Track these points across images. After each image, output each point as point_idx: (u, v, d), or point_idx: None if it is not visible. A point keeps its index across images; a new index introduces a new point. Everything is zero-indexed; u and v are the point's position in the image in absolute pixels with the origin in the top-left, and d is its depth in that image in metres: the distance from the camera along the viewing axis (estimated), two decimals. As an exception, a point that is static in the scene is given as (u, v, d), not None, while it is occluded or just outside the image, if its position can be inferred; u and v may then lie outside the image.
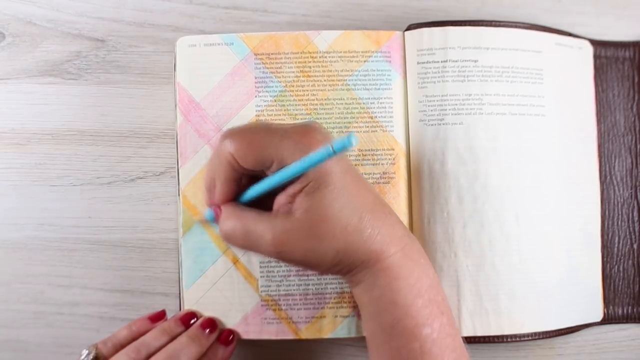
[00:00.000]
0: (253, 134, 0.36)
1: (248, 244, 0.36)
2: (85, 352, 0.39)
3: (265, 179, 0.36)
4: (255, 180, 0.37)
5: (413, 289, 0.35)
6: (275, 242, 0.35)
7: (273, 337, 0.44)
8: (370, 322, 0.37)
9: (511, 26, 0.46)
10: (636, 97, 0.48)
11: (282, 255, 0.35)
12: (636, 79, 0.48)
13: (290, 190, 0.35)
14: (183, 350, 0.39)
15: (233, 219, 0.36)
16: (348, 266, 0.36)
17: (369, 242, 0.35)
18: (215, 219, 0.38)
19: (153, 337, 0.39)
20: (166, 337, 0.40)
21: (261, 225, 0.35)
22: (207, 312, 0.43)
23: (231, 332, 0.42)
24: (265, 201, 0.37)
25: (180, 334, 0.40)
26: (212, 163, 0.37)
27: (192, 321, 0.42)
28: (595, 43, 0.48)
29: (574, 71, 0.47)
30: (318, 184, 0.34)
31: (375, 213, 0.36)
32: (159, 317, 0.42)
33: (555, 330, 0.44)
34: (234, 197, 0.37)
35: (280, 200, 0.36)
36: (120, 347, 0.39)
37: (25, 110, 0.47)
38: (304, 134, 0.35)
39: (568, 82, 0.47)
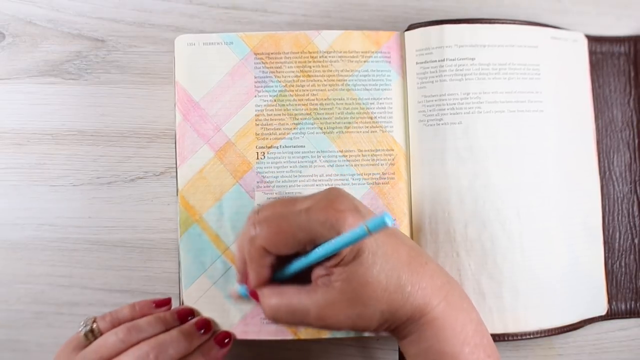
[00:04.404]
0: (280, 220, 0.35)
1: (294, 321, 0.36)
2: (82, 323, 0.39)
3: (300, 260, 0.36)
4: (285, 257, 0.37)
5: (460, 337, 0.35)
6: (321, 316, 0.35)
7: (272, 337, 0.44)
8: None
9: (507, 22, 0.46)
10: (633, 92, 0.48)
11: (329, 326, 0.36)
12: (632, 74, 0.48)
13: (327, 264, 0.35)
14: (172, 343, 0.39)
15: (275, 298, 0.36)
16: (394, 323, 0.36)
17: (411, 298, 0.35)
18: (251, 297, 0.39)
19: (147, 323, 0.39)
20: (160, 327, 0.40)
21: (304, 301, 0.35)
22: (206, 312, 0.43)
23: (228, 334, 0.42)
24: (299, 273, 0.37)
25: (175, 327, 0.40)
26: (241, 246, 0.37)
27: (189, 318, 0.42)
28: (590, 39, 0.48)
29: (570, 65, 0.47)
30: (353, 254, 0.34)
31: (413, 267, 0.36)
32: (163, 303, 0.42)
33: (559, 327, 0.44)
34: (269, 279, 0.37)
35: (318, 272, 0.36)
36: (118, 324, 0.39)
37: (25, 110, 0.47)
38: (327, 208, 0.34)
39: (564, 77, 0.47)
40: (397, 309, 0.35)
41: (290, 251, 0.35)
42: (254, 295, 0.38)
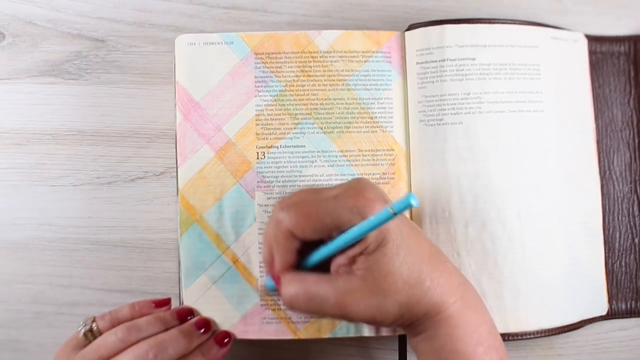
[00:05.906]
0: (308, 205, 0.36)
1: (312, 308, 0.36)
2: (82, 323, 0.39)
3: (326, 246, 0.36)
4: (311, 244, 0.37)
5: (473, 337, 0.36)
6: (341, 304, 0.35)
7: (272, 337, 0.44)
8: None
9: (507, 22, 0.46)
10: (633, 92, 0.48)
11: (347, 315, 0.36)
12: (632, 74, 0.48)
13: (350, 252, 0.35)
14: (172, 342, 0.39)
15: (295, 285, 0.36)
16: (410, 319, 0.36)
17: (429, 293, 0.35)
18: (276, 288, 0.38)
19: (146, 323, 0.40)
20: (159, 326, 0.40)
21: (324, 288, 0.35)
22: (205, 312, 0.43)
23: (228, 334, 0.42)
24: (319, 266, 0.37)
25: (174, 327, 0.40)
26: (268, 236, 0.37)
27: (189, 318, 0.42)
28: (590, 39, 0.48)
29: (570, 65, 0.47)
30: (377, 243, 0.34)
31: (433, 263, 0.36)
32: (163, 303, 0.42)
33: (559, 327, 0.44)
34: (294, 265, 0.37)
35: (339, 261, 0.36)
36: (117, 323, 0.40)
37: (25, 110, 0.47)
38: (356, 195, 0.35)
39: (565, 77, 0.47)
40: (415, 303, 0.35)
41: (317, 236, 0.36)
42: (277, 281, 0.38)
